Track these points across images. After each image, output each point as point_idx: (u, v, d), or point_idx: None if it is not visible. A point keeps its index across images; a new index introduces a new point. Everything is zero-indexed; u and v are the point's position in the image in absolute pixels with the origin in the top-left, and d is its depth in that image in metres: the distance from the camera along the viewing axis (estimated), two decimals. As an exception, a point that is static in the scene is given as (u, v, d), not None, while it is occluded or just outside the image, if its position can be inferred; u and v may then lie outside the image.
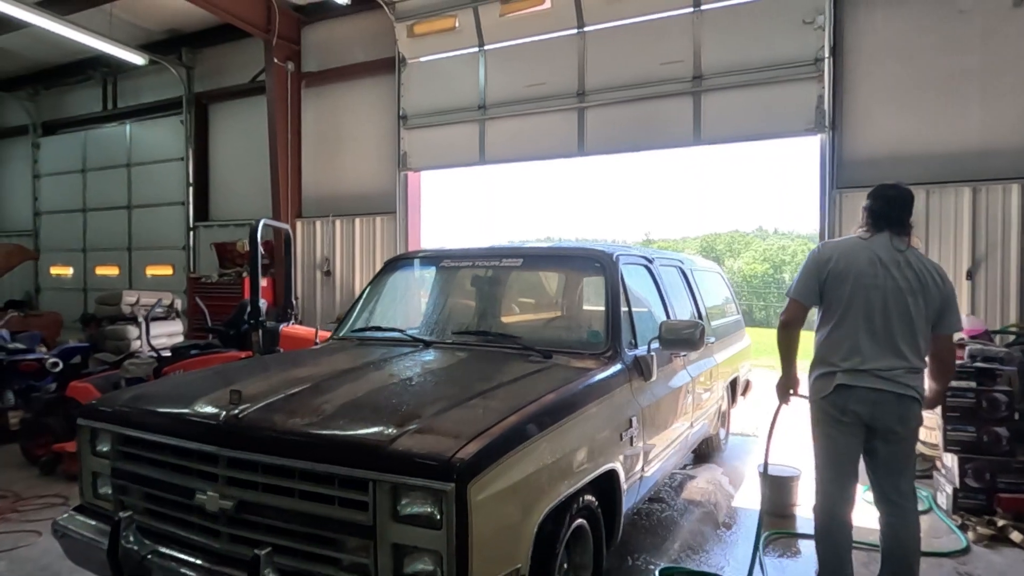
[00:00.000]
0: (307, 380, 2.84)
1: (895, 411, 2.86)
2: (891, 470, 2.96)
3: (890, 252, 2.92)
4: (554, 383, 2.84)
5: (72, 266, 12.02)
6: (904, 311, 2.87)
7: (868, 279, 2.90)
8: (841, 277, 2.94)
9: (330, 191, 8.99)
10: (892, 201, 3.01)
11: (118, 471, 2.68)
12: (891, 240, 2.95)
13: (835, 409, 2.94)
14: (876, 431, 2.91)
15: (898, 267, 2.89)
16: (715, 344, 5.22)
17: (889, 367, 2.85)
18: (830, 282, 2.97)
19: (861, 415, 2.89)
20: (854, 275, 2.92)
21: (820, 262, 3.01)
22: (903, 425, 2.89)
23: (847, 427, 2.93)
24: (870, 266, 2.91)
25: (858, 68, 6.02)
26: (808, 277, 3.04)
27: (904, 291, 2.87)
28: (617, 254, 3.79)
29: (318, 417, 2.38)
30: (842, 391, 2.91)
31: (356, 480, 2.12)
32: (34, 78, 12.01)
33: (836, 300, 2.96)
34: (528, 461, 2.30)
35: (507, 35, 7.56)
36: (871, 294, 2.89)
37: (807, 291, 3.04)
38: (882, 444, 2.93)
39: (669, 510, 4.53)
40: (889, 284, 2.88)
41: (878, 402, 2.86)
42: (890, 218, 2.98)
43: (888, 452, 2.94)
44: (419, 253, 4.61)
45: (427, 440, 2.16)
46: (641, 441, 3.29)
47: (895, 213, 2.98)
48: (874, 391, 2.86)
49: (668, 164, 75.69)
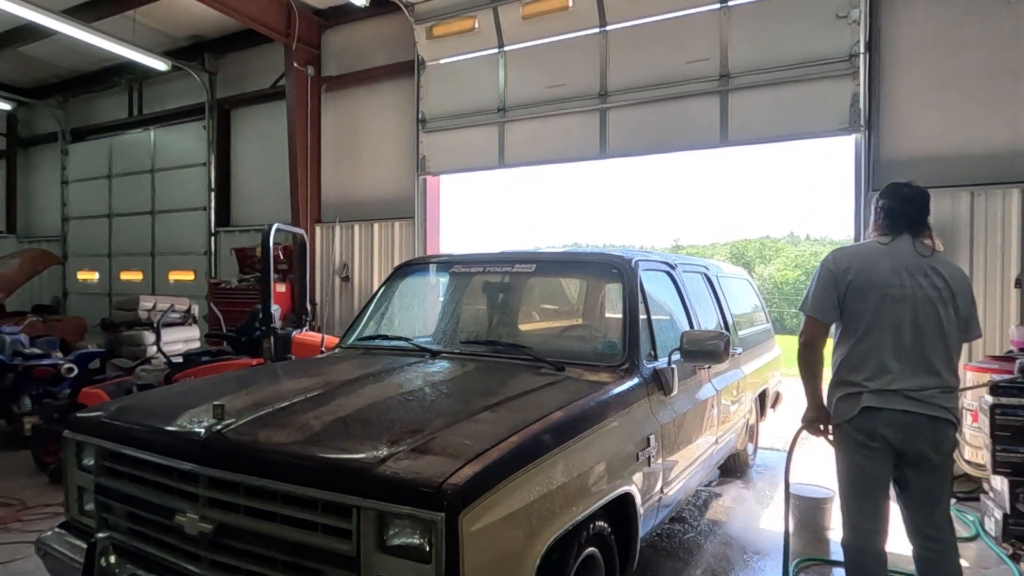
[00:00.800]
0: (301, 392, 2.67)
1: (928, 436, 2.58)
2: (924, 501, 2.68)
3: (915, 258, 2.65)
4: (564, 399, 2.63)
5: (98, 271, 12.15)
6: (936, 323, 2.61)
7: (894, 289, 2.62)
8: (863, 288, 2.66)
9: (349, 196, 8.90)
10: (910, 200, 2.75)
11: (101, 487, 2.54)
12: (914, 244, 2.68)
13: (861, 434, 2.65)
14: (906, 458, 2.63)
15: (925, 275, 2.62)
16: (742, 355, 4.95)
17: (921, 386, 2.57)
18: (851, 294, 2.69)
19: (890, 440, 2.60)
20: (878, 285, 2.64)
21: (837, 273, 2.72)
22: (936, 451, 2.61)
23: (876, 452, 2.64)
24: (894, 275, 2.64)
25: (896, 64, 5.70)
26: (825, 291, 2.75)
27: (934, 301, 2.61)
28: (636, 260, 3.57)
29: (304, 435, 2.20)
30: (869, 414, 2.62)
31: (339, 506, 1.94)
32: (63, 86, 12.21)
33: (859, 314, 2.68)
34: (531, 486, 2.09)
35: (527, 35, 7.38)
36: (898, 306, 2.62)
37: (825, 306, 2.75)
38: (913, 473, 2.65)
39: (692, 532, 4.27)
40: (918, 294, 2.61)
41: (910, 426, 2.58)
42: (909, 218, 2.72)
43: (920, 481, 2.66)
44: (429, 258, 4.43)
45: (417, 463, 1.97)
46: (660, 460, 3.06)
47: (914, 212, 2.73)
48: (905, 414, 2.57)
49: (696, 168, 74.91)
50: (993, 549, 3.93)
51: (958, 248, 5.38)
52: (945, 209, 5.45)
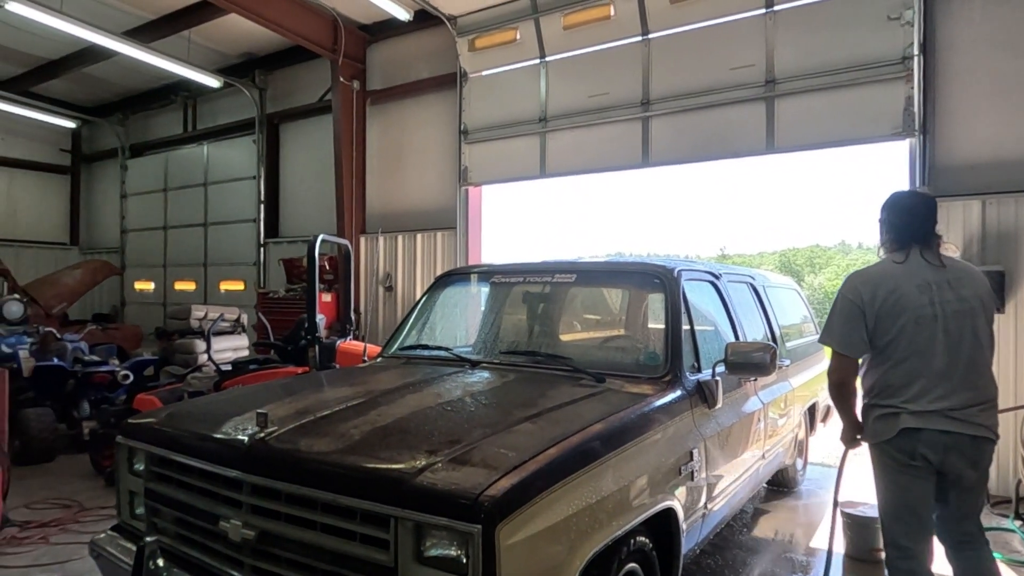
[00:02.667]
0: (342, 401, 2.71)
1: (969, 455, 2.52)
2: (959, 515, 2.64)
3: (933, 272, 2.59)
4: (604, 411, 2.59)
5: (153, 281, 12.60)
6: (970, 336, 2.55)
7: (925, 309, 2.55)
8: (893, 314, 2.58)
9: (393, 206, 9.02)
10: (913, 211, 2.69)
11: (150, 492, 2.61)
12: (924, 257, 2.61)
13: (902, 454, 2.58)
14: (945, 477, 2.57)
15: (949, 286, 2.56)
16: (790, 367, 4.81)
17: (962, 404, 2.51)
18: (881, 322, 2.60)
19: (931, 460, 2.53)
20: (908, 308, 2.56)
21: (862, 302, 2.63)
22: (975, 469, 2.56)
23: (918, 472, 2.57)
24: (922, 294, 2.56)
25: (953, 65, 5.48)
26: (852, 323, 2.65)
27: (965, 314, 2.55)
28: (679, 269, 3.50)
29: (344, 444, 2.22)
30: (908, 434, 2.55)
31: (378, 516, 1.95)
32: (123, 104, 12.76)
33: (892, 340, 2.60)
34: (569, 499, 2.06)
35: (569, 45, 7.37)
36: (931, 326, 2.54)
37: (854, 340, 2.66)
38: (952, 490, 2.60)
39: (738, 549, 4.15)
40: (947, 310, 2.54)
41: (951, 447, 2.51)
42: (915, 231, 2.65)
43: (958, 499, 2.61)
44: (469, 269, 4.45)
45: (455, 474, 1.96)
46: (704, 475, 2.99)
47: (918, 224, 2.66)
48: (946, 434, 2.50)
49: (743, 175, 73.58)
50: (1064, 575, 3.71)
51: (1021, 256, 5.12)
52: (1008, 216, 5.20)
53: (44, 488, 5.23)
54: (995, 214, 5.23)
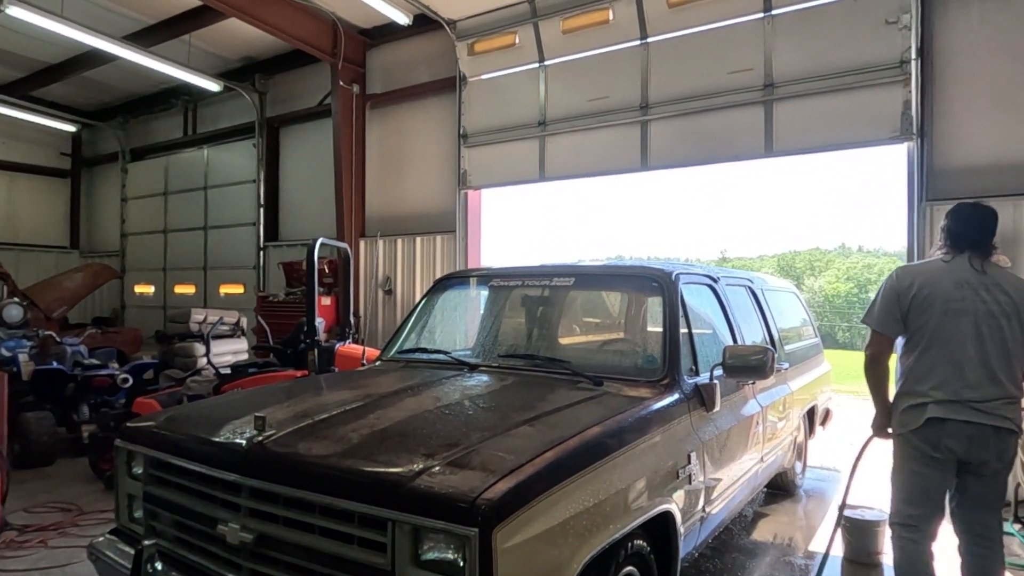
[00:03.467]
0: (340, 405, 2.71)
1: (993, 446, 2.69)
2: (981, 506, 2.80)
3: (975, 274, 2.79)
4: (602, 414, 2.60)
5: (153, 284, 12.63)
6: (999, 336, 2.72)
7: (956, 303, 2.76)
8: (926, 303, 2.80)
9: (392, 210, 9.04)
10: (970, 220, 2.90)
11: (149, 495, 2.61)
12: (971, 262, 2.81)
13: (927, 444, 2.76)
14: (969, 466, 2.75)
15: (987, 289, 2.75)
16: (789, 370, 4.82)
17: (985, 397, 2.68)
18: (914, 309, 2.83)
19: (955, 451, 2.71)
20: (940, 300, 2.78)
21: (900, 289, 2.88)
22: (1000, 460, 2.73)
23: (939, 463, 2.76)
24: (957, 289, 2.77)
25: (950, 69, 5.50)
26: (889, 306, 2.90)
27: (997, 314, 2.73)
28: (676, 272, 3.51)
29: (342, 447, 2.23)
30: (934, 425, 2.73)
31: (375, 519, 1.95)
32: (124, 108, 12.80)
33: (922, 327, 2.81)
34: (567, 502, 2.07)
35: (568, 49, 7.40)
36: (961, 319, 2.74)
37: (889, 321, 2.91)
38: (974, 480, 2.78)
39: (737, 553, 4.15)
40: (980, 308, 2.74)
41: (975, 437, 2.68)
42: (971, 239, 2.85)
43: (980, 488, 2.78)
44: (468, 272, 4.46)
45: (452, 477, 1.96)
46: (702, 478, 2.99)
47: (975, 234, 2.85)
48: (970, 424, 2.68)
49: (743, 179, 73.68)
50: (1063, 579, 3.71)
51: (1019, 260, 5.13)
52: (1006, 219, 5.19)
53: (43, 492, 5.22)
54: (993, 218, 5.23)
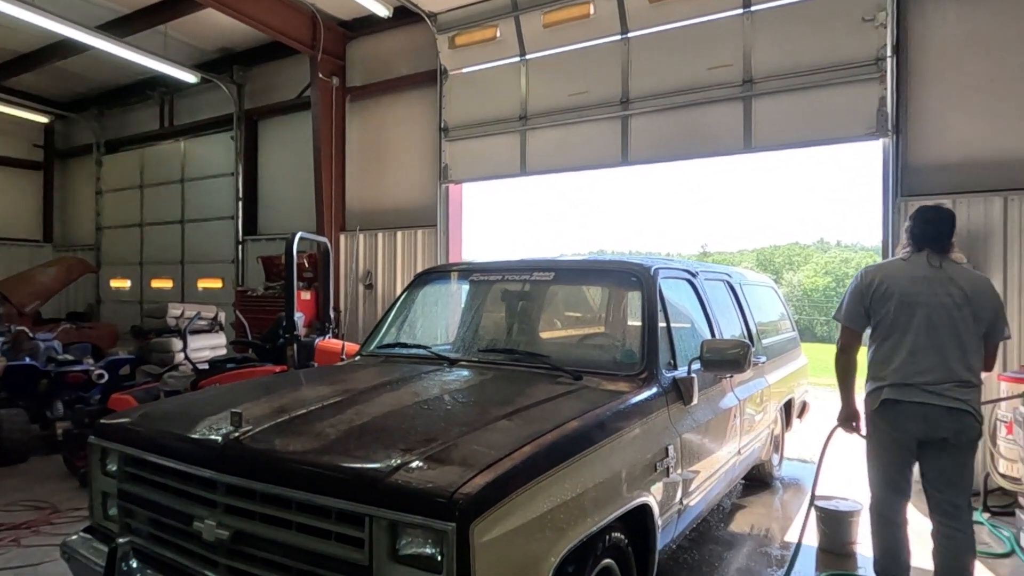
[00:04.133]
0: (318, 400, 2.70)
1: (947, 424, 2.91)
2: (945, 483, 2.99)
3: (931, 270, 3.05)
4: (580, 408, 2.61)
5: (130, 279, 12.43)
6: (951, 325, 2.96)
7: (911, 297, 3.03)
8: (885, 297, 3.08)
9: (373, 204, 8.98)
10: (931, 223, 3.14)
11: (123, 492, 2.58)
12: (928, 258, 3.07)
13: (885, 423, 3.07)
14: (928, 444, 2.98)
15: (941, 283, 3.01)
16: (767, 364, 4.88)
17: (937, 380, 2.93)
18: (876, 303, 3.12)
19: (911, 430, 2.98)
20: (898, 294, 3.06)
21: (864, 286, 3.17)
22: (956, 439, 2.93)
23: (898, 441, 3.04)
24: (912, 284, 3.05)
25: (925, 66, 5.57)
26: (854, 302, 3.20)
27: (948, 306, 2.97)
28: (655, 267, 3.53)
29: (319, 443, 2.22)
30: (889, 405, 3.02)
31: (352, 514, 1.95)
32: (99, 99, 12.54)
33: (883, 319, 3.10)
34: (545, 496, 2.08)
35: (549, 43, 7.38)
36: (916, 311, 3.01)
37: (855, 315, 3.20)
38: (934, 457, 2.99)
39: (715, 544, 4.20)
40: (932, 300, 2.99)
41: (928, 416, 2.93)
42: (930, 238, 3.11)
43: (941, 464, 2.98)
44: (448, 266, 4.45)
45: (430, 472, 1.96)
46: (680, 471, 3.02)
47: (933, 233, 3.11)
48: (923, 405, 2.94)
49: (724, 174, 74.18)
50: (1029, 566, 3.80)
51: (991, 255, 5.23)
52: (978, 215, 5.31)
53: (16, 490, 5.14)
54: (965, 213, 5.33)
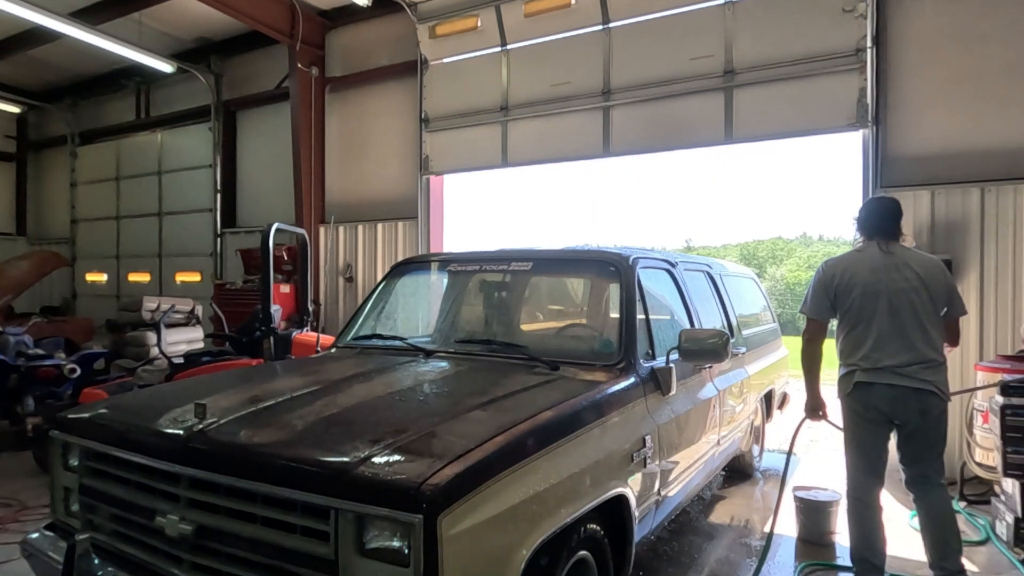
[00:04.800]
0: (287, 392, 2.63)
1: (915, 405, 3.08)
2: (916, 458, 3.18)
3: (884, 257, 3.21)
4: (556, 398, 2.57)
5: (106, 272, 12.20)
6: (910, 308, 3.12)
7: (872, 286, 3.18)
8: (849, 288, 3.22)
9: (353, 196, 8.87)
10: (877, 213, 3.32)
11: (85, 487, 2.51)
12: (879, 246, 3.24)
13: (859, 405, 3.20)
14: (900, 425, 3.15)
15: (896, 269, 3.17)
16: (747, 354, 4.87)
17: (903, 363, 3.08)
18: (840, 295, 3.25)
19: (882, 410, 3.13)
20: (860, 284, 3.20)
21: (827, 280, 3.30)
22: (923, 417, 3.09)
23: (871, 422, 3.18)
24: (871, 273, 3.19)
25: (904, 58, 5.58)
26: (819, 295, 3.32)
27: (907, 290, 3.13)
28: (634, 257, 3.50)
29: (285, 435, 2.16)
30: (862, 388, 3.16)
31: (317, 507, 1.89)
32: (73, 89, 12.27)
33: (848, 309, 3.24)
34: (516, 487, 2.04)
35: (530, 33, 7.32)
36: (878, 298, 3.16)
37: (820, 307, 3.32)
38: (905, 437, 3.17)
39: (694, 535, 4.18)
40: (891, 286, 3.15)
41: (897, 398, 3.09)
42: (878, 228, 3.28)
43: (913, 444, 3.16)
44: (426, 257, 4.39)
45: (397, 463, 1.91)
46: (657, 461, 2.99)
47: (882, 224, 3.27)
48: (892, 387, 3.09)
49: (707, 168, 74.48)
50: (1005, 554, 3.82)
51: (968, 246, 5.26)
52: (956, 206, 5.33)
53: (-16, 487, 5.02)
54: (943, 204, 5.35)
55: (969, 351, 5.19)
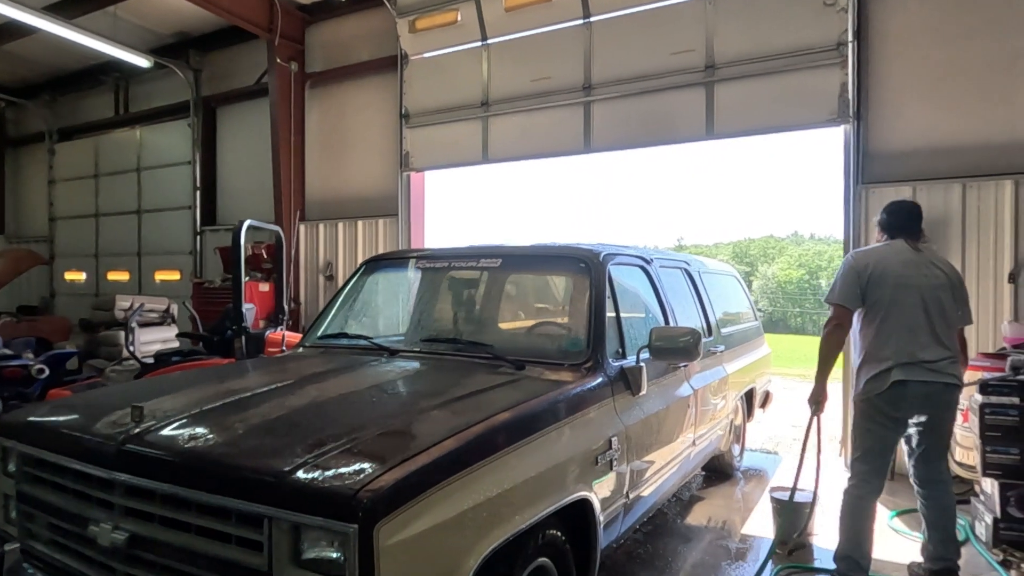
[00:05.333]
0: (236, 393, 2.52)
1: (943, 400, 3.13)
2: (933, 455, 3.25)
3: (914, 254, 3.25)
4: (516, 399, 2.47)
5: (85, 271, 12.00)
6: (939, 305, 3.16)
7: (904, 279, 3.17)
8: (880, 280, 3.19)
9: (334, 193, 8.74)
10: (904, 213, 3.40)
11: (22, 494, 2.39)
12: (907, 243, 3.28)
13: (890, 406, 3.14)
14: (924, 422, 3.17)
15: (926, 266, 3.21)
16: (725, 353, 4.79)
17: (937, 358, 3.09)
18: (871, 285, 3.20)
19: (913, 408, 3.13)
20: (892, 277, 3.18)
21: (859, 268, 3.25)
22: (948, 411, 3.17)
23: (895, 422, 3.18)
24: (903, 267, 3.19)
25: (886, 52, 5.51)
26: (850, 283, 3.25)
27: (936, 287, 3.17)
28: (605, 253, 3.41)
29: (223, 439, 2.05)
30: (897, 388, 3.10)
31: (252, 516, 1.79)
32: (51, 85, 12.05)
33: (879, 301, 3.19)
34: (465, 493, 1.94)
35: (511, 28, 7.20)
36: (910, 292, 3.15)
37: (851, 296, 3.25)
38: (927, 433, 3.19)
39: (670, 538, 4.10)
40: (923, 282, 3.17)
41: (930, 394, 3.09)
42: (903, 227, 3.35)
43: (933, 439, 3.22)
44: (395, 254, 4.28)
45: (335, 469, 1.81)
46: (625, 464, 2.90)
47: (909, 224, 3.35)
48: (926, 384, 3.08)
49: (695, 166, 74.52)
50: (983, 555, 3.75)
51: (949, 242, 5.20)
52: (937, 202, 5.27)
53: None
54: (925, 200, 5.27)
55: (951, 349, 5.13)
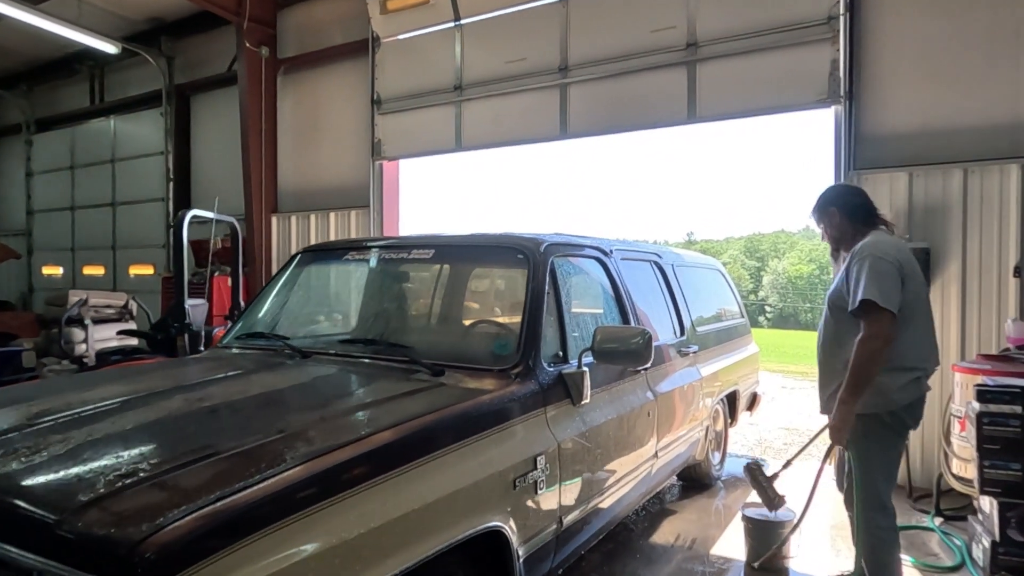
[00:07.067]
0: (81, 406, 2.14)
1: None
2: None
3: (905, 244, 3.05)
4: (411, 413, 2.08)
5: (62, 265, 11.71)
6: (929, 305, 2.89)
7: (920, 276, 2.83)
8: (911, 277, 2.78)
9: (307, 184, 8.37)
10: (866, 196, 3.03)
11: None
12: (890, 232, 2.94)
13: (911, 418, 2.78)
14: None
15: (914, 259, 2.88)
16: (700, 353, 4.39)
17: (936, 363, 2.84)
18: (906, 283, 2.73)
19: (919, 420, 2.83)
20: (915, 273, 2.81)
21: (897, 264, 2.73)
22: None
23: (907, 435, 2.86)
24: (917, 264, 2.86)
25: (880, 26, 5.06)
26: (894, 284, 2.68)
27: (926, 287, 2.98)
28: (548, 244, 3.01)
29: (15, 466, 1.67)
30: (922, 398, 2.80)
31: (21, 567, 1.41)
32: (27, 75, 11.74)
33: (909, 300, 2.74)
34: (315, 533, 1.56)
35: (485, 7, 6.79)
36: (924, 292, 2.86)
37: (895, 296, 2.66)
38: None
39: (632, 558, 3.70)
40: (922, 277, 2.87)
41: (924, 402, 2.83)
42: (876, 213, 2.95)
43: None
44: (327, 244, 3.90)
45: (127, 511, 1.42)
46: (557, 485, 2.51)
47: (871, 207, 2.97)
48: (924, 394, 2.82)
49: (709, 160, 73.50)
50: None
51: (949, 232, 4.75)
52: (936, 189, 4.83)
53: None
54: (922, 187, 4.85)
55: (949, 349, 4.69)
